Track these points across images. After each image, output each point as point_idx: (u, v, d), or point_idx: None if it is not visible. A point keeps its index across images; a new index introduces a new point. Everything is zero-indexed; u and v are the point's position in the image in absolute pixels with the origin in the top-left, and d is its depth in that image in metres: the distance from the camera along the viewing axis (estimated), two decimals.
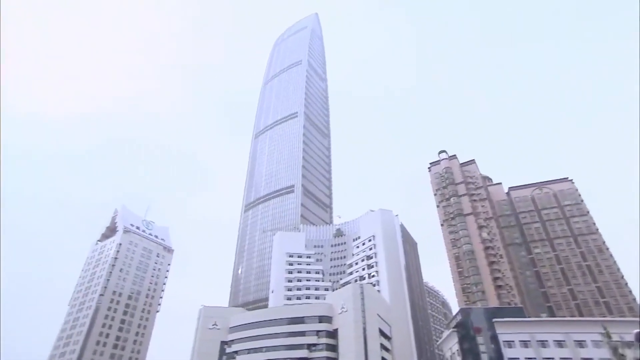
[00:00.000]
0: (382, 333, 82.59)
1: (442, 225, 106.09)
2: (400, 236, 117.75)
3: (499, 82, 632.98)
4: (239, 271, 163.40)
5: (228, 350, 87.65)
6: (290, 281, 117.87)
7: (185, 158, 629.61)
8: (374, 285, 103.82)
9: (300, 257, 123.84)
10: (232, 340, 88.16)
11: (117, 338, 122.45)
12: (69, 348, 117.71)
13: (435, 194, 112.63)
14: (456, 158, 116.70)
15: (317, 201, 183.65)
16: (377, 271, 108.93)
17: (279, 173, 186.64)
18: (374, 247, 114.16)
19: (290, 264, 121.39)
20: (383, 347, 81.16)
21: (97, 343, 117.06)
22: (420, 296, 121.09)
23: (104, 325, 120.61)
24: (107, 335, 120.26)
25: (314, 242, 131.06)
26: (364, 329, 78.37)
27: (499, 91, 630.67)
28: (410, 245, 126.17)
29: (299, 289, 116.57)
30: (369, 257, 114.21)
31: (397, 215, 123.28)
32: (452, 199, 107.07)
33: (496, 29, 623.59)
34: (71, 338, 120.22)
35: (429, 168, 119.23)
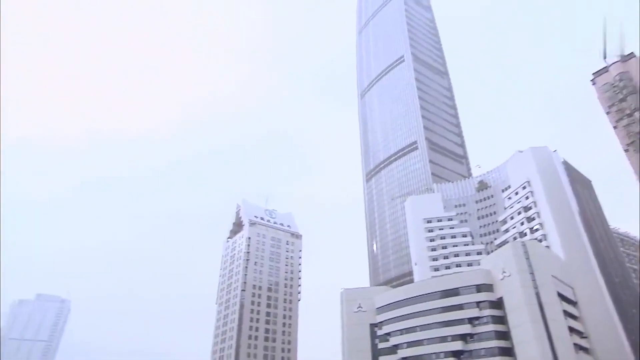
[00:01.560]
0: (562, 297, 76.36)
1: (626, 150, 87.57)
2: (566, 176, 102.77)
3: None
4: (374, 247, 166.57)
5: (379, 332, 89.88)
6: (433, 250, 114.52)
7: (293, 142, 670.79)
8: (540, 241, 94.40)
9: (440, 221, 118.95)
10: (382, 322, 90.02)
11: (266, 331, 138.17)
12: (225, 344, 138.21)
13: (608, 112, 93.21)
14: (634, 56, 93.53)
15: (447, 154, 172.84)
16: (540, 223, 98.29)
17: (397, 131, 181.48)
18: (532, 195, 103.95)
19: (430, 231, 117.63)
20: (567, 313, 75.09)
21: (249, 337, 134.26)
22: (609, 247, 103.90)
23: (251, 320, 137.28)
24: (257, 329, 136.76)
25: (453, 202, 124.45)
26: (537, 295, 72.77)
27: None
28: (581, 185, 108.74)
29: (445, 258, 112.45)
30: (526, 208, 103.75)
31: (555, 151, 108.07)
32: (636, 113, 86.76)
33: None
34: (225, 335, 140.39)
35: (592, 81, 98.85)
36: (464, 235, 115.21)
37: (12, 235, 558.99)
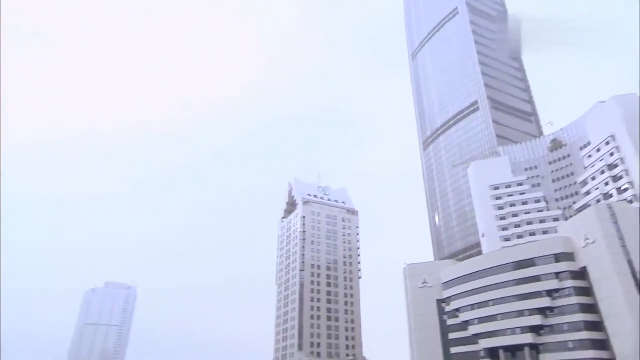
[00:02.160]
0: None
1: None
2: None
3: None
4: (436, 219, 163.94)
5: (447, 308, 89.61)
6: (502, 218, 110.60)
7: (343, 114, 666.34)
8: (630, 202, 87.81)
9: (508, 187, 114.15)
10: (449, 297, 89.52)
11: (328, 310, 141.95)
12: (288, 325, 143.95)
13: None
14: None
15: (513, 112, 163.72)
16: (630, 182, 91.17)
17: (454, 91, 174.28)
18: (617, 151, 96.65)
19: (498, 198, 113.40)
20: None
21: (311, 317, 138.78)
22: None
23: (312, 300, 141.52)
24: (318, 309, 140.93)
25: (523, 165, 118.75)
26: (629, 262, 68.04)
27: None
28: None
29: (517, 226, 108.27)
30: (611, 166, 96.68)
31: None
32: None
33: None
34: (287, 315, 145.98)
35: None
36: (537, 201, 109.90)
37: (81, 227, 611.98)
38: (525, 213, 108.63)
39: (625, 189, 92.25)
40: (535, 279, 77.45)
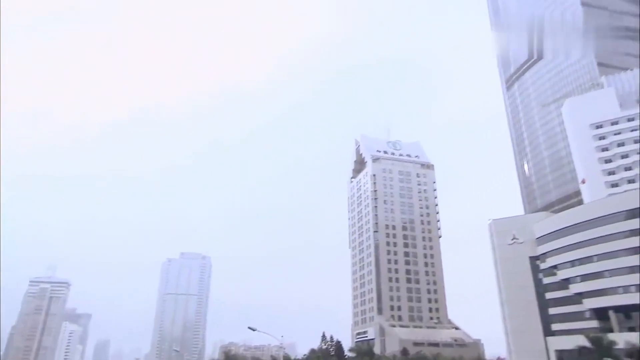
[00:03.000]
0: None
1: None
2: None
3: None
4: (525, 168, 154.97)
5: (543, 266, 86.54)
6: (608, 161, 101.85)
7: (410, 62, 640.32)
8: None
9: (615, 123, 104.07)
10: (545, 254, 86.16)
11: (407, 272, 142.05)
12: (365, 288, 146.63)
13: None
14: None
15: (618, 32, 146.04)
16: None
17: None
18: None
19: (602, 138, 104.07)
20: None
21: (390, 280, 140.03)
22: None
23: (389, 262, 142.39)
24: (397, 271, 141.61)
25: (633, 95, 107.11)
26: None
27: None
28: None
29: (628, 169, 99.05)
30: None
31: None
32: None
33: None
34: (364, 279, 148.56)
35: None
36: None
37: (154, 200, 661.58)
38: (639, 153, 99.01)
39: None
40: None
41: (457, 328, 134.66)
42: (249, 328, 41.72)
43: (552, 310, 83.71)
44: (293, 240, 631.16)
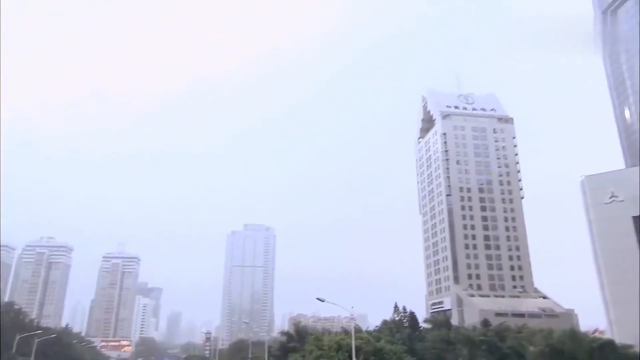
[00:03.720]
0: None
1: None
2: None
3: None
4: (625, 112, 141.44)
5: None
6: None
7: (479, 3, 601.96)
8: None
9: None
10: None
11: (486, 237, 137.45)
12: (439, 256, 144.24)
13: None
14: None
15: None
16: None
17: None
18: None
19: None
20: None
21: (466, 246, 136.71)
22: None
23: (465, 227, 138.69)
24: (474, 237, 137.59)
25: None
26: None
27: None
28: None
29: None
30: None
31: None
32: None
33: None
34: (437, 246, 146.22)
35: None
36: None
37: (216, 173, 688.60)
38: None
39: None
40: None
41: (544, 297, 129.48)
42: (318, 299, 41.52)
43: None
44: (359, 207, 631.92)
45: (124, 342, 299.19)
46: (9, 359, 62.31)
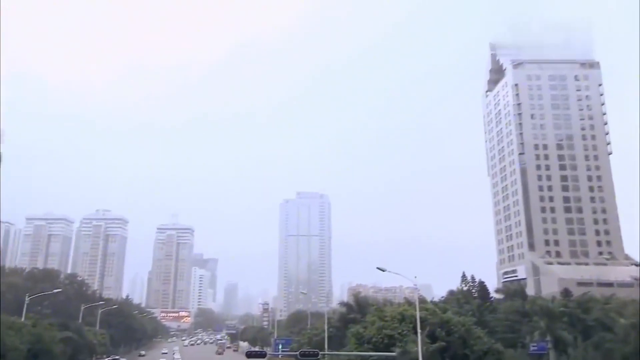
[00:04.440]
0: None
1: None
2: None
3: None
4: None
5: None
6: None
7: None
8: None
9: None
10: None
11: (566, 200, 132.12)
12: (511, 221, 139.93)
13: None
14: None
15: None
16: None
17: None
18: None
19: None
20: None
21: (543, 210, 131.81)
22: None
23: (540, 189, 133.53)
24: (551, 199, 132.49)
25: None
26: None
27: None
28: None
29: None
30: None
31: None
32: None
33: None
34: (509, 210, 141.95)
35: None
36: None
37: (266, 139, 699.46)
38: None
39: None
40: None
41: (637, 264, 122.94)
42: (378, 269, 40.90)
43: None
44: (419, 169, 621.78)
45: (183, 313, 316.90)
46: (76, 329, 67.08)
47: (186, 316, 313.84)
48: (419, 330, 35.06)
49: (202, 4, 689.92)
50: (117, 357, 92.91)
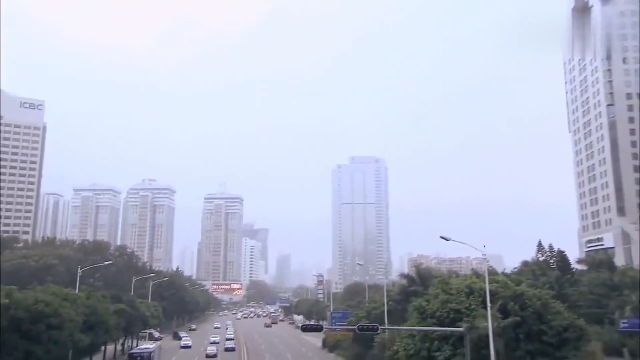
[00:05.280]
0: None
1: None
2: None
3: None
4: None
5: None
6: None
7: None
8: None
9: None
10: None
11: None
12: (596, 183, 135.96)
13: None
14: None
15: None
16: None
17: None
18: None
19: None
20: None
21: (635, 169, 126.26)
22: None
23: (633, 145, 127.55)
24: None
25: None
26: None
27: None
28: None
29: None
30: None
31: None
32: None
33: None
34: (593, 171, 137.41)
35: None
36: None
37: (314, 102, 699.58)
38: None
39: None
40: None
41: None
42: (442, 238, 40.51)
43: None
44: (488, 124, 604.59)
45: (235, 286, 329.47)
46: (129, 301, 71.67)
47: (238, 289, 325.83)
48: (488, 304, 34.71)
49: None
50: (156, 329, 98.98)
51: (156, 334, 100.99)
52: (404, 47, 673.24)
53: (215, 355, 74.18)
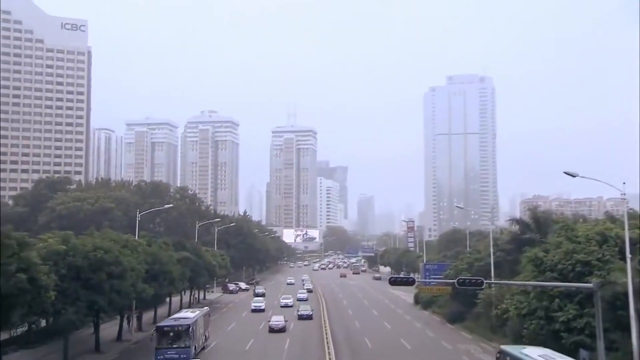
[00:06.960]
0: None
1: None
2: None
3: None
4: None
5: None
6: None
7: None
8: None
9: None
10: None
11: None
12: None
13: None
14: None
15: None
16: None
17: None
18: None
19: None
20: None
21: None
22: None
23: None
24: None
25: None
26: None
27: None
28: None
29: None
30: None
31: None
32: None
33: None
34: None
35: None
36: None
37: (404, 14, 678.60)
38: None
39: None
40: None
41: None
42: (566, 173, 38.47)
43: None
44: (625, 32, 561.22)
45: (311, 232, 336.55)
46: (193, 248, 74.81)
47: (314, 236, 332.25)
48: (628, 255, 33.03)
49: None
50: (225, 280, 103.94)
51: (243, 285, 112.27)
52: None
53: (283, 329, 60.23)
